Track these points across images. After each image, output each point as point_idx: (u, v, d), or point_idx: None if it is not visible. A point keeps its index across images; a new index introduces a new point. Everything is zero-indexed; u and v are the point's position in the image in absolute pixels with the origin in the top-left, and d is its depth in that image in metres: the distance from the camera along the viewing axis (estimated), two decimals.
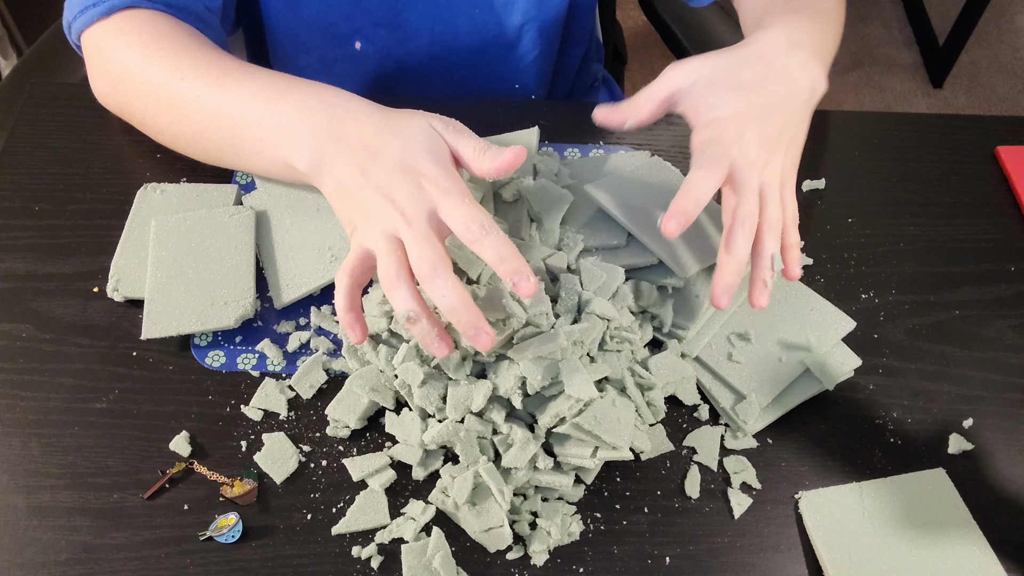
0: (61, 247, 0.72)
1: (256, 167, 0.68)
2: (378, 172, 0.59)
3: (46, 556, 0.58)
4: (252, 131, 0.65)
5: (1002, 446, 0.65)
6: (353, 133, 0.61)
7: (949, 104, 2.10)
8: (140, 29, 0.70)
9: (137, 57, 0.69)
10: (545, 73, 0.94)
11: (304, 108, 0.63)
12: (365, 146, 0.60)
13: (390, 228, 0.58)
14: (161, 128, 0.71)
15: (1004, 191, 0.80)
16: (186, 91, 0.67)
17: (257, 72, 0.67)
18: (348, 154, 0.60)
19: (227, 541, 0.59)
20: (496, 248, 0.55)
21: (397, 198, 0.58)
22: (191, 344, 0.67)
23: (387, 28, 0.85)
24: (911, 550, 0.59)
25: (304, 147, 0.62)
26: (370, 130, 0.61)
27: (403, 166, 0.59)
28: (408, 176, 0.58)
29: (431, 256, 0.56)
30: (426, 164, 0.59)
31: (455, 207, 0.57)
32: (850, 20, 0.80)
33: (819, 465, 0.63)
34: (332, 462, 0.62)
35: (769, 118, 0.62)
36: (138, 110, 0.72)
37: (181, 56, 0.68)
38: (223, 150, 0.68)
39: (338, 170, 0.61)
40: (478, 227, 0.56)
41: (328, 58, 0.87)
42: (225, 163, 0.71)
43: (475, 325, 0.55)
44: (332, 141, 0.61)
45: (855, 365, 0.67)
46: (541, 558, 0.59)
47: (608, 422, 0.58)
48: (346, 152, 0.61)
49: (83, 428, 0.63)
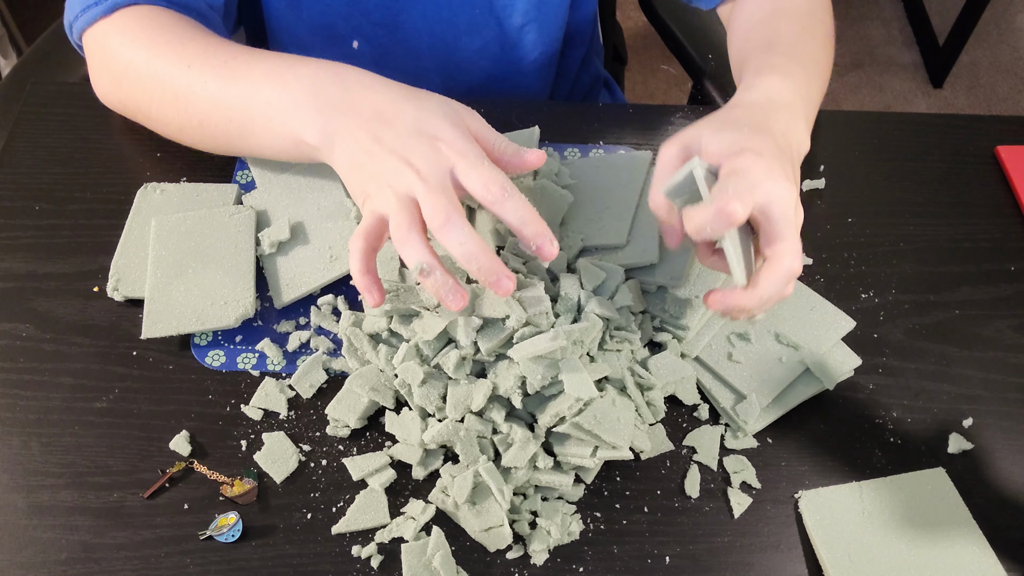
0: (61, 247, 0.72)
1: (265, 148, 0.67)
2: (392, 137, 0.58)
3: (46, 555, 0.58)
4: (261, 109, 0.64)
5: (1002, 446, 0.65)
6: (367, 103, 0.60)
7: (949, 104, 2.10)
8: (143, 24, 0.69)
9: (141, 51, 0.69)
10: (546, 75, 0.94)
11: (315, 82, 0.62)
12: (379, 115, 0.59)
13: (404, 188, 0.56)
14: (167, 119, 0.71)
15: (1004, 191, 0.80)
16: (193, 78, 0.66)
17: (266, 54, 0.67)
18: (361, 124, 0.59)
19: (227, 540, 0.59)
20: (518, 211, 0.55)
21: (413, 159, 0.56)
22: (191, 344, 0.67)
23: (385, 29, 0.85)
24: (911, 550, 0.59)
25: (315, 120, 0.61)
26: (385, 99, 0.60)
27: (419, 131, 0.58)
28: (424, 139, 0.57)
29: (445, 206, 0.54)
30: (443, 128, 0.58)
31: (473, 167, 0.56)
32: (850, 20, 0.79)
33: (819, 465, 0.63)
34: (332, 461, 0.62)
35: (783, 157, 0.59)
36: (143, 104, 0.71)
37: (186, 45, 0.68)
38: (231, 134, 0.67)
39: (351, 141, 0.59)
40: (499, 188, 0.55)
41: (327, 57, 0.87)
42: (233, 149, 0.70)
43: (496, 271, 0.54)
44: (344, 112, 0.60)
45: (855, 365, 0.67)
46: (541, 557, 0.59)
47: (608, 422, 0.59)
48: (359, 122, 0.59)
49: (83, 428, 0.63)
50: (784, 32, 0.72)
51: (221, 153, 0.73)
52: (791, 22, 0.73)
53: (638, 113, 0.83)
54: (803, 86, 0.67)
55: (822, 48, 0.73)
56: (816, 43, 0.72)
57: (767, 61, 0.68)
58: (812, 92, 0.68)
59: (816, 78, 0.70)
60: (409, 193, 0.56)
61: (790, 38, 0.72)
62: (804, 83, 0.67)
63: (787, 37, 0.72)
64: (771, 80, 0.65)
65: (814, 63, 0.70)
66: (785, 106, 0.63)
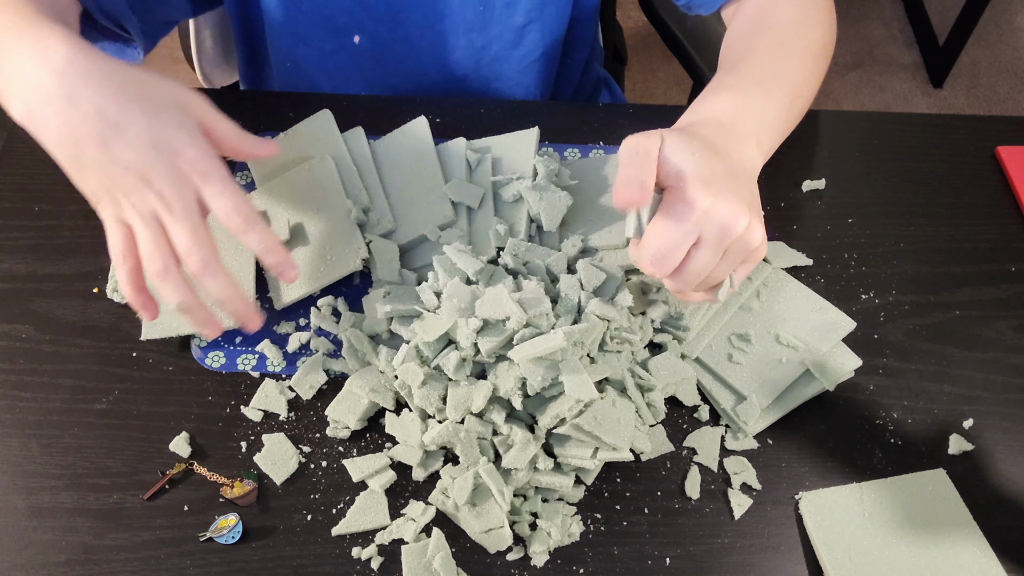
0: (61, 247, 0.72)
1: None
2: (123, 149, 0.54)
3: (46, 557, 0.58)
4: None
5: (1002, 446, 0.65)
6: (86, 99, 0.54)
7: (949, 104, 2.09)
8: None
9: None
10: (548, 76, 0.93)
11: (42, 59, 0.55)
12: (102, 115, 0.54)
13: (147, 209, 0.55)
14: None
15: (1004, 191, 0.80)
16: None
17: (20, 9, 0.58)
18: (81, 122, 0.54)
19: (227, 542, 0.59)
20: (260, 242, 0.56)
21: (154, 180, 0.54)
22: (191, 345, 0.67)
23: (387, 24, 0.85)
24: (911, 550, 0.59)
25: (24, 99, 0.55)
26: (110, 97, 0.55)
27: (154, 144, 0.55)
28: (162, 156, 0.55)
29: (199, 251, 0.55)
30: (181, 142, 0.55)
31: (218, 194, 0.55)
32: (850, 20, 0.79)
33: (819, 465, 0.63)
34: (332, 463, 0.62)
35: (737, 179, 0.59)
36: None
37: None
38: None
39: (67, 136, 0.55)
40: (242, 219, 0.55)
41: (326, 50, 0.87)
42: None
43: (244, 316, 0.58)
44: (59, 102, 0.54)
45: (855, 365, 0.67)
46: (541, 559, 0.59)
47: (608, 423, 0.58)
48: (78, 119, 0.54)
49: (83, 429, 0.63)
50: (757, 48, 0.72)
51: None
52: (769, 38, 0.73)
53: (638, 113, 0.83)
54: (758, 105, 0.66)
55: (800, 63, 0.72)
56: (792, 58, 0.71)
57: (722, 80, 0.68)
58: (772, 110, 0.67)
59: (781, 95, 0.69)
60: (155, 215, 0.55)
61: (760, 54, 0.71)
62: (760, 102, 0.66)
63: (757, 53, 0.71)
64: (720, 98, 0.65)
65: (783, 79, 0.69)
66: (729, 124, 0.63)
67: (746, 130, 0.64)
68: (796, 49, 0.72)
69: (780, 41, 0.72)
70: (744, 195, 0.58)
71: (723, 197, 0.56)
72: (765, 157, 0.66)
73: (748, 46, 0.73)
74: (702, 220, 0.56)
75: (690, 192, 0.56)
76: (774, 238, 0.74)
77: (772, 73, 0.69)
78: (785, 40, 0.72)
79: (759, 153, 0.65)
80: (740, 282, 0.62)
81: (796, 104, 0.71)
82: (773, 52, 0.71)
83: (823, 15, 0.76)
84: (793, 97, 0.70)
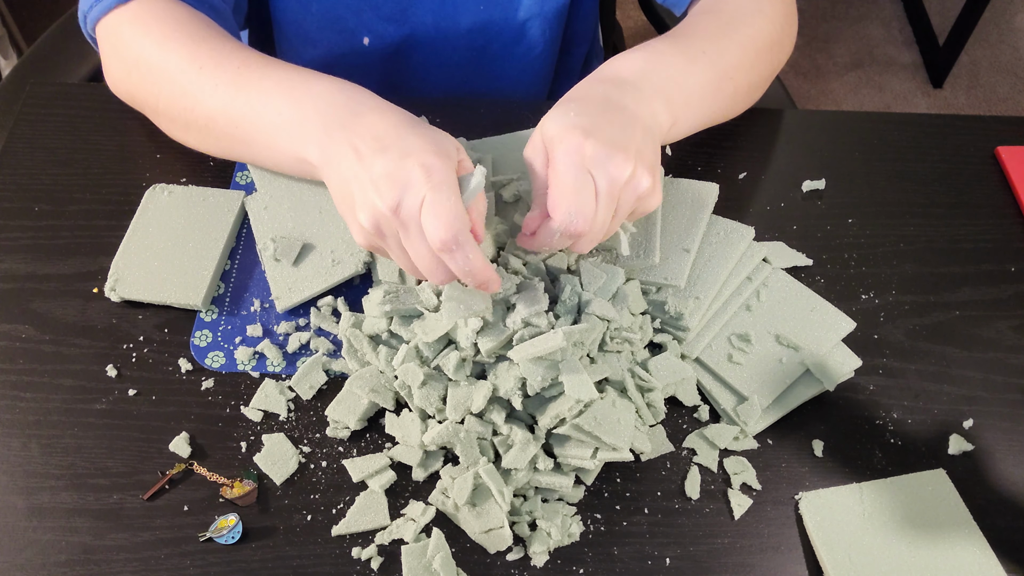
0: (61, 247, 0.72)
1: (267, 160, 0.67)
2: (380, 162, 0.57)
3: (45, 557, 0.58)
4: (268, 123, 0.64)
5: (1002, 446, 0.65)
6: (369, 128, 0.59)
7: (949, 104, 2.09)
8: (157, 16, 0.69)
9: (153, 44, 0.68)
10: (549, 70, 0.94)
11: (326, 101, 0.62)
12: (378, 138, 0.58)
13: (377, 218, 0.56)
14: (173, 116, 0.70)
15: (1004, 191, 0.80)
16: (203, 81, 0.66)
17: (278, 64, 0.66)
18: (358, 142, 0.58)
19: (227, 542, 0.59)
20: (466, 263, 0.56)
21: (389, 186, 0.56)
22: (191, 344, 0.67)
23: (395, 24, 0.85)
24: (911, 551, 0.59)
25: (320, 139, 0.60)
26: (390, 124, 0.59)
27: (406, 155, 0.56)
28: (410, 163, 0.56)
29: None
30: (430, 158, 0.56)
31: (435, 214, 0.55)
32: (850, 20, 0.79)
33: (819, 466, 0.63)
34: (332, 463, 0.62)
35: (625, 129, 0.60)
36: (151, 98, 0.71)
37: (199, 45, 0.67)
38: (235, 141, 0.67)
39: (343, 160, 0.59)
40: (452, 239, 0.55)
41: (335, 52, 0.87)
42: (235, 155, 0.70)
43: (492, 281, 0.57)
44: (347, 134, 0.59)
45: (855, 366, 0.67)
46: (541, 559, 0.59)
47: (608, 423, 0.58)
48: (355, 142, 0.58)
49: (83, 429, 0.63)
50: (697, 24, 0.73)
51: (223, 157, 0.73)
52: (712, 19, 0.73)
53: None
54: (674, 68, 0.67)
55: (739, 48, 0.72)
56: (731, 41, 0.72)
57: (645, 44, 0.69)
58: (693, 78, 0.68)
59: (707, 68, 0.69)
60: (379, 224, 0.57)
61: (697, 30, 0.72)
62: (678, 66, 0.67)
63: (696, 29, 0.72)
64: (628, 58, 0.66)
65: (715, 55, 0.70)
66: (633, 82, 0.64)
67: (652, 87, 0.65)
68: (737, 34, 0.73)
69: (723, 23, 0.73)
70: (630, 144, 0.59)
71: (604, 145, 0.57)
72: (674, 118, 0.66)
73: (690, 22, 0.74)
74: (590, 165, 0.57)
75: (571, 140, 0.57)
76: (774, 238, 0.74)
77: (703, 48, 0.70)
78: (729, 24, 0.73)
79: (666, 111, 0.65)
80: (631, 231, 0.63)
81: (726, 85, 0.71)
82: (711, 31, 0.72)
83: (776, 13, 0.76)
84: (723, 77, 0.71)
